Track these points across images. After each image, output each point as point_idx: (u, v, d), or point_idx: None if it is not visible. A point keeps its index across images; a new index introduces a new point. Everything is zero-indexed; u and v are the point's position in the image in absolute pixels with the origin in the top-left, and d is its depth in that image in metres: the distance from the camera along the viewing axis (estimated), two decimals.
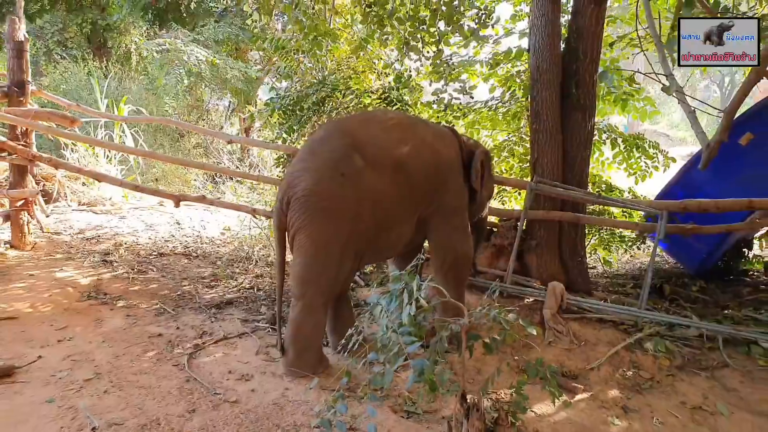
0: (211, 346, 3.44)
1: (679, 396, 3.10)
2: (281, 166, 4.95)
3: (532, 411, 2.87)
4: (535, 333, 2.32)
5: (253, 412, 2.72)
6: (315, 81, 4.81)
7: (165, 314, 3.85)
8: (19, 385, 2.82)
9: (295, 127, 4.57)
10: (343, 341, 2.80)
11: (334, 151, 2.88)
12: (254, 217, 4.78)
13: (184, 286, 4.39)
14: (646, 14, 3.05)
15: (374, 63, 5.11)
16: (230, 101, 11.84)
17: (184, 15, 9.94)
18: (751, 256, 5.30)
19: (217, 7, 10.31)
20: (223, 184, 8.68)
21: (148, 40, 10.68)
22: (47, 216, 5.13)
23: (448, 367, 2.68)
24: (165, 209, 6.71)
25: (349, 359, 3.02)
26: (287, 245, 3.06)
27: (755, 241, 5.47)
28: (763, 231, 5.20)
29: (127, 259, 4.80)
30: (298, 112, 4.67)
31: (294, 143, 4.74)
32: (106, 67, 10.59)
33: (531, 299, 4.07)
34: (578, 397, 3.07)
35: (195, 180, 9.06)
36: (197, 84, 9.79)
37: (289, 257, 3.23)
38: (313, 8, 4.48)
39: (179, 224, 6.20)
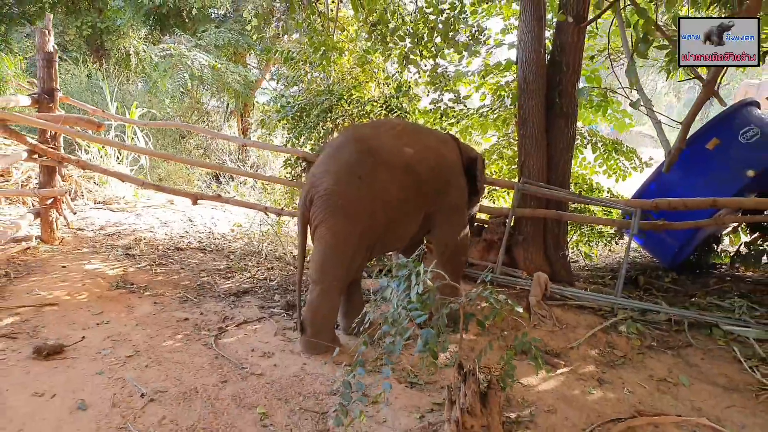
0: (233, 328, 3.84)
1: (648, 370, 3.54)
2: (289, 168, 5.36)
3: (519, 382, 3.29)
4: (521, 311, 2.75)
5: (278, 383, 3.13)
6: (320, 89, 5.22)
7: (188, 301, 4.24)
8: (70, 361, 3.20)
9: (303, 132, 4.98)
10: (356, 320, 3.22)
11: (352, 156, 3.30)
12: (266, 214, 5.17)
13: (203, 277, 4.78)
14: (621, 35, 3.46)
15: (374, 73, 5.52)
16: (226, 102, 12.21)
17: (186, 20, 10.29)
18: (719, 250, 5.77)
19: (218, 14, 10.68)
20: (227, 184, 9.07)
21: (152, 44, 11.00)
22: (75, 213, 5.50)
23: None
24: (176, 207, 7.09)
25: (360, 337, 3.44)
26: (309, 236, 3.49)
27: (724, 237, 5.94)
28: (731, 228, 5.67)
29: (147, 253, 5.18)
30: (305, 118, 5.08)
31: (302, 147, 5.14)
32: (105, 69, 10.92)
33: (518, 288, 4.50)
34: (560, 371, 3.50)
35: (198, 180, 9.43)
36: (197, 87, 10.14)
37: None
38: (323, 25, 4.88)
39: (192, 221, 6.59)
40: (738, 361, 3.62)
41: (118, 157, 7.57)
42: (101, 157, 7.36)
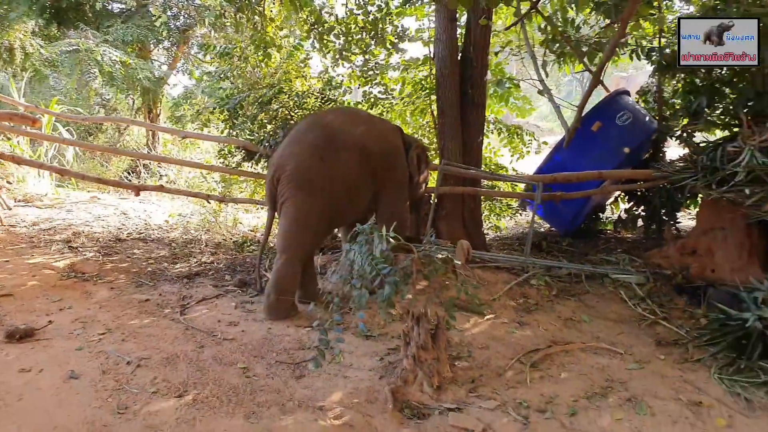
0: (194, 305, 4.13)
1: (556, 313, 4.27)
2: (223, 159, 5.64)
3: (456, 328, 3.89)
4: (461, 263, 3.33)
5: (250, 344, 3.51)
6: (252, 82, 5.54)
7: (144, 285, 4.46)
8: (45, 342, 3.37)
9: (241, 124, 5.28)
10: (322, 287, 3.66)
11: (316, 140, 3.76)
12: (207, 202, 5.42)
13: (151, 263, 4.98)
14: (524, 37, 4.15)
15: (302, 68, 5.92)
16: (133, 98, 11.92)
17: (90, 15, 10.01)
18: (604, 218, 6.79)
19: (122, 8, 10.48)
20: (150, 179, 9.02)
21: (48, 39, 10.54)
22: (10, 209, 5.42)
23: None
24: (104, 202, 7.06)
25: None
26: (276, 213, 3.92)
27: (607, 207, 6.97)
28: (612, 198, 6.68)
29: (89, 245, 5.26)
30: (239, 110, 5.39)
31: (237, 136, 5.44)
32: None
33: (445, 255, 5.13)
34: (486, 318, 4.15)
35: (113, 176, 9.29)
36: (106, 84, 9.91)
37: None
38: (263, 25, 5.21)
39: (125, 215, 6.63)
40: (624, 301, 4.45)
41: (31, 156, 7.35)
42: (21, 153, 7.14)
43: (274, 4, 5.55)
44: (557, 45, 3.58)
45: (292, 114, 5.20)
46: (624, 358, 3.57)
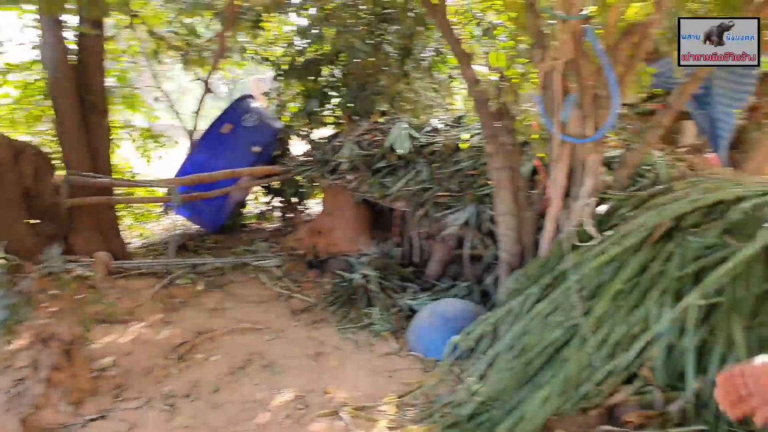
0: None
1: (203, 306, 4.52)
2: None
3: (99, 342, 3.78)
4: (100, 276, 3.27)
5: None
6: None
7: None
8: None
9: None
10: None
11: None
12: None
13: None
14: (139, 46, 4.20)
15: None
16: None
17: None
18: (247, 213, 7.35)
19: None
20: None
21: None
22: None
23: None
24: None
25: None
26: None
27: (250, 202, 7.54)
28: (252, 194, 7.27)
29: None
30: None
31: None
32: None
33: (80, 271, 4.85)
34: (131, 327, 4.13)
35: None
36: None
37: None
38: None
39: None
40: (263, 283, 5.01)
41: None
42: None
43: None
44: (158, 54, 3.76)
45: None
46: (264, 332, 4.06)
